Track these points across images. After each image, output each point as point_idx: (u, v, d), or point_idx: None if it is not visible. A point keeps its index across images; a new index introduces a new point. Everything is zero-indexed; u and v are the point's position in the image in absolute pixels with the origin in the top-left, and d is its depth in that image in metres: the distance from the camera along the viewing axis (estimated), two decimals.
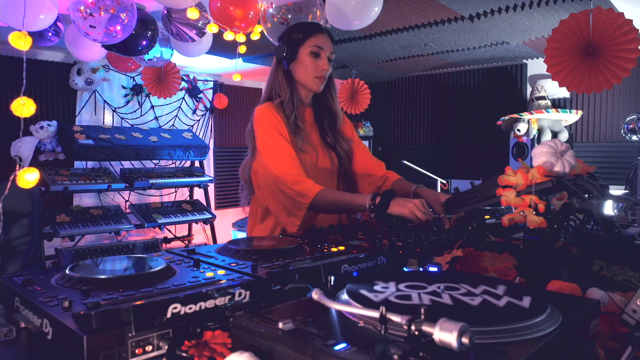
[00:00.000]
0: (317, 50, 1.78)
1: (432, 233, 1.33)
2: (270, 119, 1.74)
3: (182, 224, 4.76)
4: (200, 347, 0.65)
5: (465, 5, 3.17)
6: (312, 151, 1.80)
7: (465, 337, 0.47)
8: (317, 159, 1.81)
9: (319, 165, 1.81)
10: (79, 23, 2.47)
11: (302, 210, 1.60)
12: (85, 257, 3.61)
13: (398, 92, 6.05)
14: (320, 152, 1.84)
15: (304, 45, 1.78)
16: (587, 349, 0.66)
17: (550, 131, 4.27)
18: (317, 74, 1.78)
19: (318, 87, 1.81)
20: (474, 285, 0.73)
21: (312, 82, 1.79)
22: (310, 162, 1.79)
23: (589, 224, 1.14)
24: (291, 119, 1.76)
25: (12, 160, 3.96)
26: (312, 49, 1.77)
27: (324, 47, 1.79)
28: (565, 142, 1.12)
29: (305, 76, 1.79)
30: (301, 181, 1.62)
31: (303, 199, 1.59)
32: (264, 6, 2.66)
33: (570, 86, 2.33)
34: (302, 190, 1.59)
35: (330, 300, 0.64)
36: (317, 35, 1.79)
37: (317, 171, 1.79)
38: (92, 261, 0.96)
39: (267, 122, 1.73)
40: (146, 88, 4.20)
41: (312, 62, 1.77)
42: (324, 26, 1.87)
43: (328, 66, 1.80)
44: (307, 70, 1.78)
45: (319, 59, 1.78)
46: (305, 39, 1.78)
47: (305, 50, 1.78)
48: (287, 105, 1.78)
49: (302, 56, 1.78)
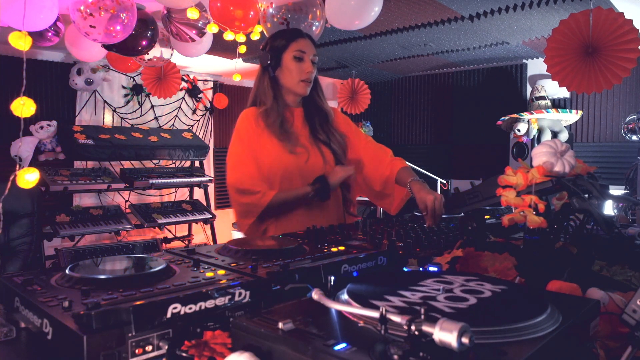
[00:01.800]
0: (300, 54, 1.82)
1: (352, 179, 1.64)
2: (243, 126, 1.82)
3: (182, 224, 4.76)
4: (200, 347, 0.65)
5: (465, 5, 3.17)
6: (303, 152, 1.83)
7: (465, 337, 0.47)
8: (308, 158, 1.84)
9: (309, 165, 1.84)
10: (79, 23, 2.47)
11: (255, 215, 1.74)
12: (85, 257, 3.61)
13: (398, 92, 6.05)
14: (311, 151, 1.86)
15: (286, 51, 1.83)
16: (587, 349, 0.66)
17: (550, 131, 4.27)
18: (302, 77, 1.83)
19: (305, 91, 1.86)
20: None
21: (298, 86, 1.84)
22: (301, 162, 1.82)
23: (589, 224, 1.14)
24: (276, 125, 1.81)
25: (12, 160, 3.96)
26: (295, 54, 1.82)
27: (307, 51, 1.84)
28: (565, 142, 1.12)
29: (291, 81, 1.84)
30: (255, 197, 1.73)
31: (255, 208, 1.73)
32: (264, 6, 2.66)
33: (570, 86, 2.33)
34: (252, 201, 1.74)
35: (330, 300, 0.64)
36: (299, 40, 1.84)
37: (307, 170, 1.82)
38: (92, 261, 0.96)
39: (241, 129, 1.82)
40: (146, 88, 4.20)
41: (296, 66, 1.82)
42: (303, 31, 1.94)
43: (312, 68, 1.84)
44: (293, 74, 1.82)
45: (303, 62, 1.83)
46: (288, 44, 1.83)
47: (289, 55, 1.82)
48: (271, 111, 1.83)
49: (286, 61, 1.83)
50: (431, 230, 1.38)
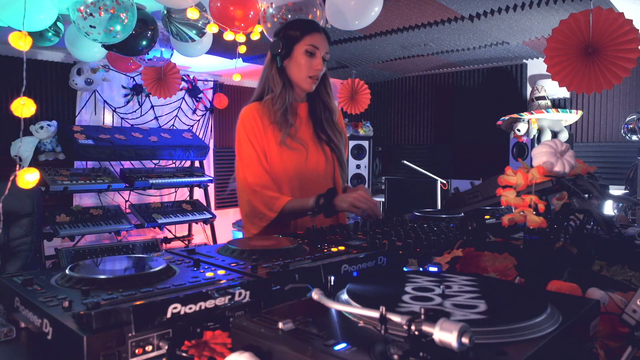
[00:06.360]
0: (313, 49, 1.76)
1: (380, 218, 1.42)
2: (250, 124, 1.75)
3: (182, 224, 4.76)
4: (200, 347, 0.65)
5: (465, 5, 3.17)
6: (300, 148, 1.79)
7: (465, 337, 0.47)
8: (307, 156, 1.80)
9: (309, 162, 1.80)
10: (79, 23, 2.47)
11: (265, 222, 1.68)
12: (85, 257, 3.61)
13: (398, 92, 6.05)
14: (311, 149, 1.82)
15: (299, 43, 1.76)
16: (587, 349, 0.66)
17: (550, 131, 4.27)
18: (310, 73, 1.77)
19: (310, 87, 1.80)
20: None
21: (304, 81, 1.78)
22: (298, 159, 1.78)
23: (589, 224, 1.14)
24: (279, 112, 1.74)
25: (12, 160, 3.96)
26: (308, 48, 1.75)
27: (320, 47, 1.77)
28: (565, 142, 1.12)
29: (298, 75, 1.77)
30: (268, 196, 1.68)
31: (269, 212, 1.66)
32: (264, 6, 2.66)
33: (570, 86, 2.33)
34: (269, 205, 1.67)
35: (330, 300, 0.64)
36: (314, 34, 1.77)
37: (306, 168, 1.79)
38: (92, 261, 0.96)
39: (247, 127, 1.75)
40: (146, 88, 4.20)
41: (306, 61, 1.75)
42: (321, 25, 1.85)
43: (322, 66, 1.78)
44: (301, 69, 1.76)
45: (314, 58, 1.76)
46: (302, 37, 1.76)
47: (301, 48, 1.75)
48: (278, 99, 1.76)
49: (297, 54, 1.76)
50: (431, 230, 1.38)
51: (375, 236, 1.24)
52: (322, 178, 1.85)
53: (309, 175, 1.77)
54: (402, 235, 1.28)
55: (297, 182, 1.78)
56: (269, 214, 1.66)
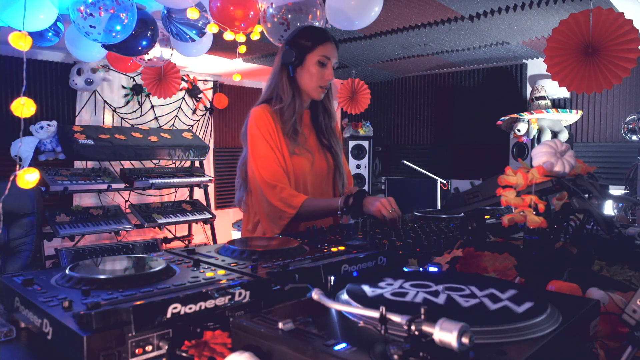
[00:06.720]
0: (325, 60, 1.77)
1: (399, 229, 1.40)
2: (264, 123, 1.74)
3: (182, 224, 4.76)
4: (200, 347, 0.65)
5: (465, 5, 3.17)
6: (307, 155, 1.80)
7: (465, 337, 0.47)
8: (313, 161, 1.81)
9: (315, 168, 1.82)
10: (79, 23, 2.47)
11: (286, 220, 1.65)
12: (85, 257, 3.61)
13: (398, 92, 6.05)
14: (316, 154, 1.84)
15: (312, 53, 1.77)
16: (587, 349, 0.66)
17: (550, 131, 4.27)
18: (321, 83, 1.78)
19: (320, 96, 1.82)
20: (476, 285, 0.73)
21: (315, 90, 1.79)
22: (306, 165, 1.79)
23: (589, 224, 1.14)
24: (290, 123, 1.76)
25: (12, 160, 3.96)
26: (320, 59, 1.76)
27: (331, 57, 1.79)
28: (565, 142, 1.12)
29: (310, 84, 1.78)
30: (287, 192, 1.66)
31: (289, 209, 1.64)
32: (264, 6, 2.66)
33: (570, 86, 2.33)
34: (287, 201, 1.64)
35: (330, 300, 0.64)
36: (326, 44, 1.78)
37: (312, 174, 1.80)
38: (92, 261, 0.96)
39: (261, 126, 1.73)
40: (146, 88, 4.20)
41: (318, 71, 1.77)
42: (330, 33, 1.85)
43: (332, 76, 1.80)
44: (313, 79, 1.77)
45: (325, 68, 1.78)
46: (314, 47, 1.77)
47: (313, 58, 1.76)
48: (287, 109, 1.77)
49: (309, 64, 1.77)
50: (431, 230, 1.38)
51: (375, 236, 1.24)
52: (324, 183, 1.87)
53: (314, 180, 1.79)
54: (402, 235, 1.28)
55: (302, 187, 1.79)
56: (288, 210, 1.65)
